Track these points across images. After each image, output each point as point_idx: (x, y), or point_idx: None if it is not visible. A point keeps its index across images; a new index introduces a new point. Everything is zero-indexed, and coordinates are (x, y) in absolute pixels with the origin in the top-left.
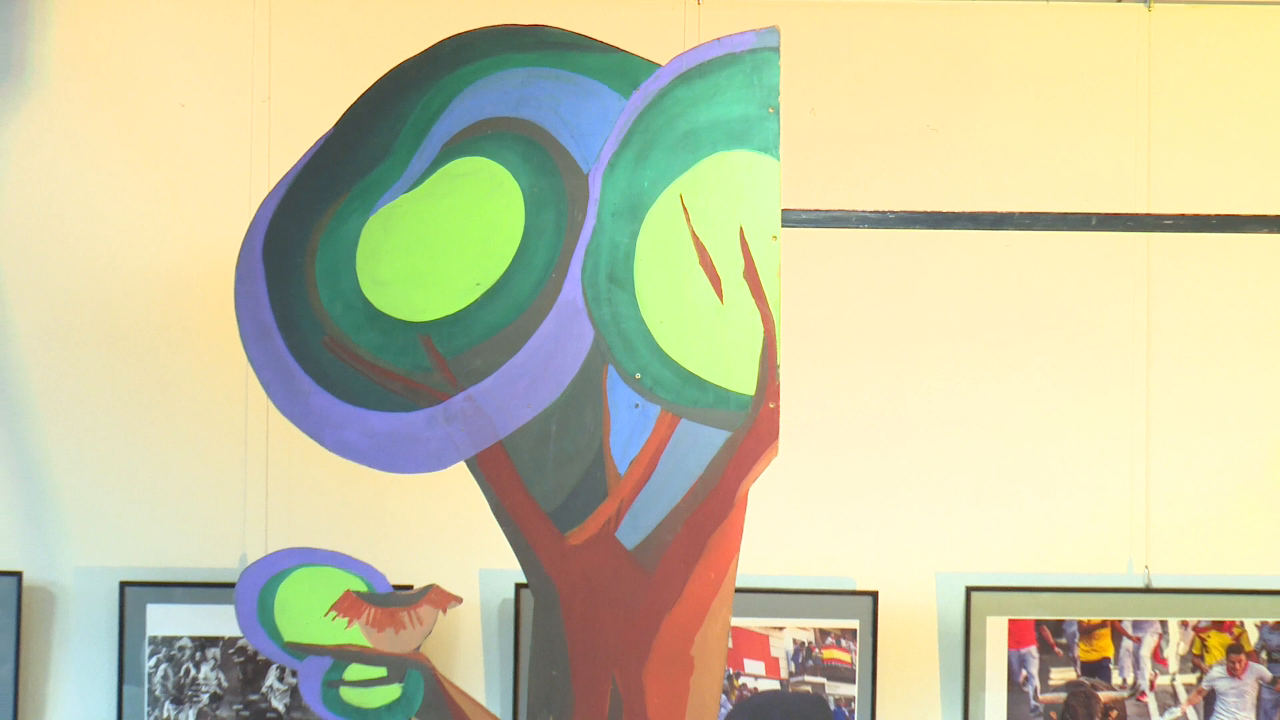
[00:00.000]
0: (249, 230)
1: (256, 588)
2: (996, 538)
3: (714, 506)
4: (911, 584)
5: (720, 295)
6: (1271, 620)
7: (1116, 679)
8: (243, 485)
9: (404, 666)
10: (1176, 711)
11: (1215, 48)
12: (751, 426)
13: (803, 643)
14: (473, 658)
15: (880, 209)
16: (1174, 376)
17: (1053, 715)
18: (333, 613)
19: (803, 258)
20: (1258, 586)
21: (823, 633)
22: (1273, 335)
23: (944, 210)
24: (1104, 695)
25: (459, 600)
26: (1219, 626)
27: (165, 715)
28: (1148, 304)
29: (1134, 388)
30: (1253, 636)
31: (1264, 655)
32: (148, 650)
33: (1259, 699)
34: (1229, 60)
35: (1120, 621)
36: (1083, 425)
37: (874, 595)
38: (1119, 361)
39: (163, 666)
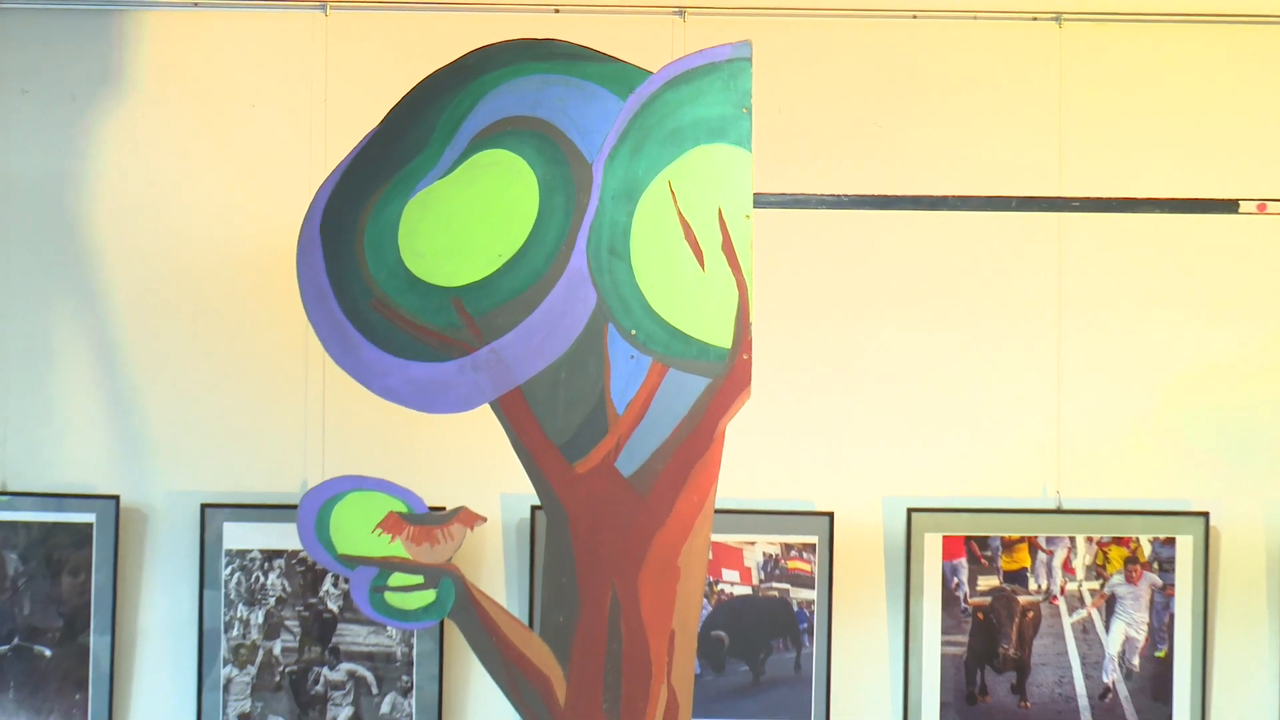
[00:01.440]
0: (308, 211)
1: (315, 509)
2: (933, 468)
3: (697, 441)
4: (862, 506)
5: (702, 265)
6: (1162, 536)
7: (1033, 585)
8: (303, 423)
9: (438, 575)
10: (1083, 612)
11: (1117, 58)
12: (728, 374)
13: (771, 555)
14: (495, 568)
15: (836, 193)
16: (1081, 333)
17: (979, 615)
18: (378, 530)
19: (772, 234)
20: (1151, 508)
21: (787, 547)
22: (1163, 296)
23: (890, 194)
24: (1022, 599)
25: (484, 520)
26: (1119, 542)
27: (239, 615)
28: (1059, 271)
29: (1048, 342)
30: (1146, 550)
31: (1155, 565)
32: (224, 561)
33: (1151, 601)
34: (1128, 68)
35: (1036, 538)
36: (1007, 374)
37: (830, 516)
38: (1037, 320)
39: (236, 575)
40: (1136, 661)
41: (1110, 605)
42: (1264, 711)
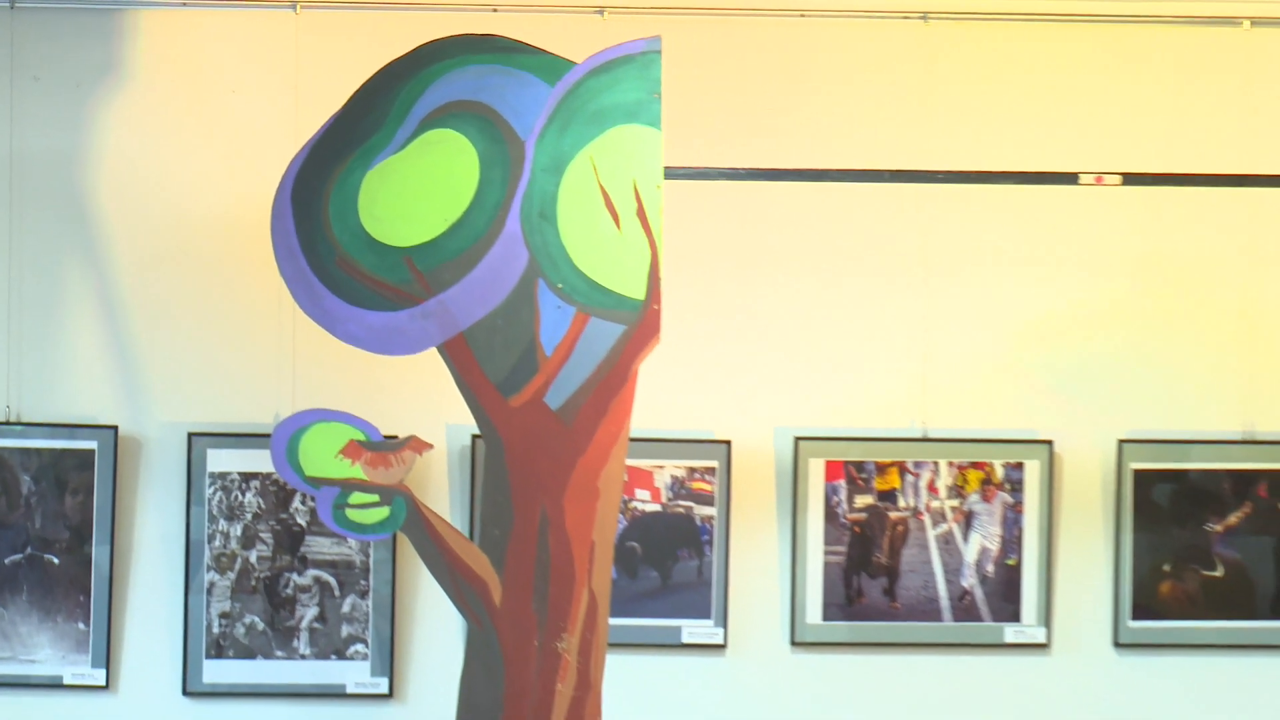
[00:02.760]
0: (281, 181)
1: (286, 437)
2: (817, 402)
3: (614, 379)
4: (755, 435)
5: (619, 228)
6: (1012, 461)
7: (902, 503)
8: (276, 363)
9: (391, 494)
10: (945, 527)
11: (975, 51)
12: (641, 322)
13: (677, 477)
14: (441, 489)
15: (735, 166)
16: (944, 287)
17: (856, 529)
18: (340, 455)
19: (680, 202)
20: (1003, 437)
21: (692, 470)
22: (1014, 255)
23: (781, 168)
24: (893, 515)
25: (431, 446)
26: (975, 466)
27: (220, 528)
28: (925, 234)
29: (916, 295)
30: (999, 473)
31: (1007, 486)
32: (208, 482)
33: (1003, 517)
34: (985, 60)
35: (905, 462)
36: (881, 321)
37: (728, 443)
38: (906, 276)
39: (218, 494)
40: (990, 568)
41: (968, 520)
42: (1099, 609)
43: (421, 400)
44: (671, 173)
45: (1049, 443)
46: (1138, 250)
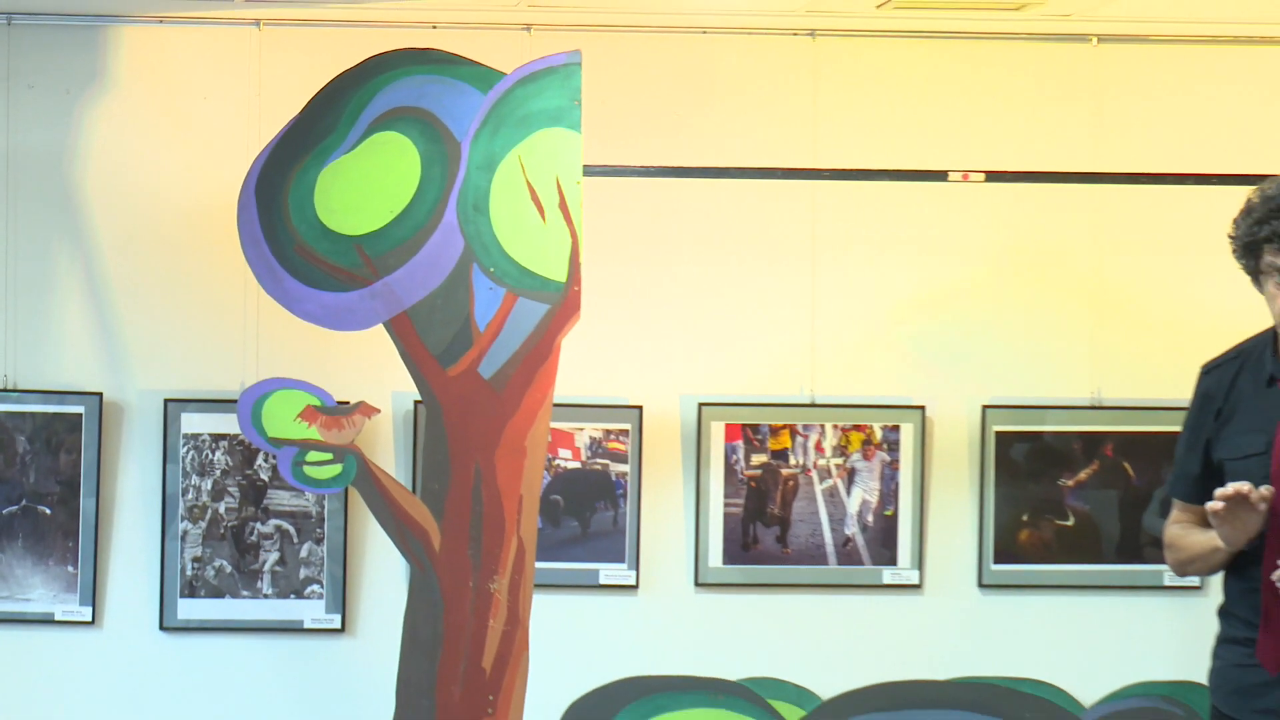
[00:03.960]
0: (246, 177)
1: (251, 402)
2: (718, 372)
3: (540, 351)
4: (664, 400)
5: (544, 219)
6: (890, 424)
7: (793, 461)
8: (242, 338)
9: (344, 453)
10: (830, 482)
11: (858, 63)
12: (563, 301)
13: (595, 438)
14: (387, 448)
15: (646, 164)
16: (830, 270)
17: (752, 484)
18: (298, 418)
19: (597, 196)
20: (881, 403)
21: (608, 431)
22: (893, 242)
23: (687, 165)
24: (785, 471)
25: (379, 411)
26: (857, 428)
27: (193, 483)
28: (814, 223)
29: (806, 277)
30: (878, 434)
31: (885, 446)
32: (182, 442)
33: (882, 473)
34: (867, 70)
35: (795, 425)
36: (774, 300)
37: (640, 408)
38: (797, 261)
39: (191, 453)
40: (870, 518)
41: (851, 476)
42: (965, 554)
43: (370, 370)
44: (590, 170)
45: (922, 408)
46: (999, 238)
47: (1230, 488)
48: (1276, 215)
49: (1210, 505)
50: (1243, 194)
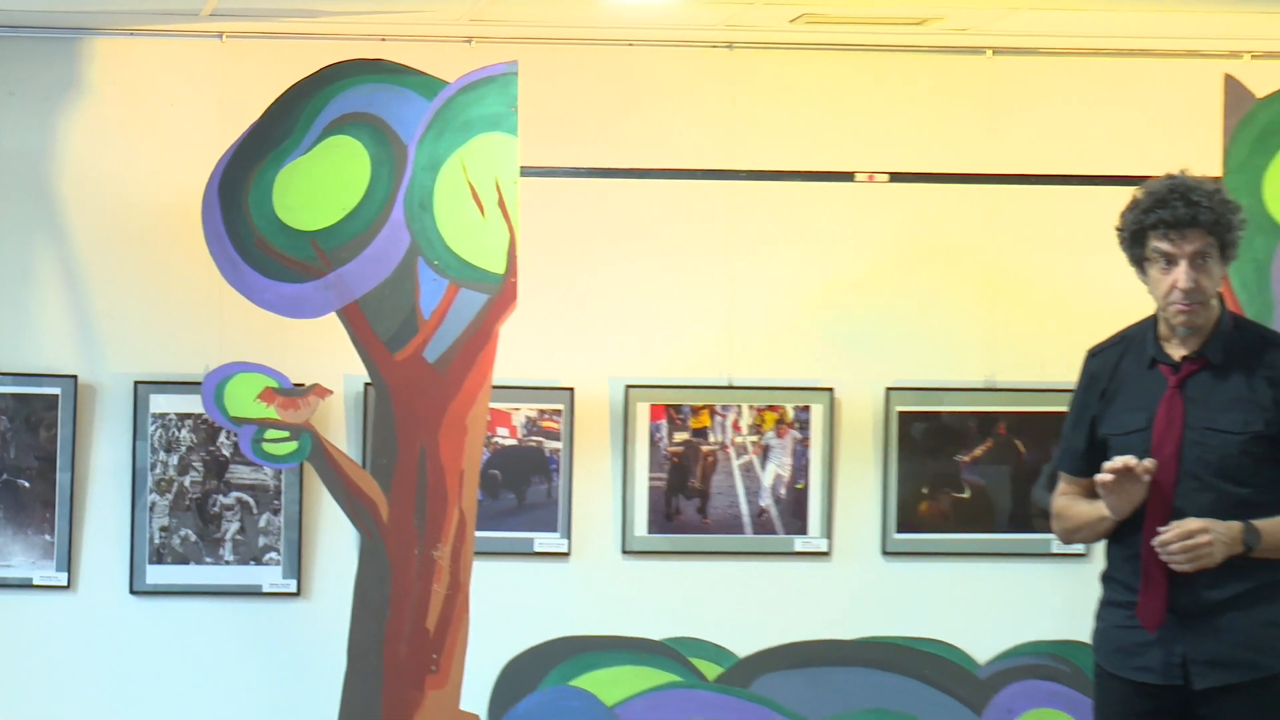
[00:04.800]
0: (210, 177)
1: (214, 384)
2: (644, 356)
3: (480, 338)
4: (594, 382)
5: (484, 215)
6: (801, 404)
7: (712, 439)
8: (206, 324)
9: (299, 431)
10: (746, 458)
11: (772, 72)
12: (501, 291)
13: (531, 417)
14: (339, 426)
15: (578, 165)
16: (746, 264)
17: (675, 459)
18: (258, 399)
19: (533, 195)
20: (793, 385)
21: (542, 411)
22: (804, 237)
23: (616, 167)
24: (704, 448)
25: (331, 392)
26: (771, 408)
27: (160, 458)
28: (731, 220)
29: (723, 270)
30: (790, 414)
31: (797, 425)
32: (150, 421)
33: (794, 450)
34: (780, 79)
35: (714, 405)
36: (696, 291)
37: (572, 390)
38: (715, 254)
39: (159, 430)
40: (783, 491)
41: (765, 453)
42: (870, 523)
43: (323, 355)
44: (526, 171)
45: (830, 390)
46: (901, 235)
47: (1118, 461)
48: (1160, 205)
49: (1100, 477)
50: (1124, 194)
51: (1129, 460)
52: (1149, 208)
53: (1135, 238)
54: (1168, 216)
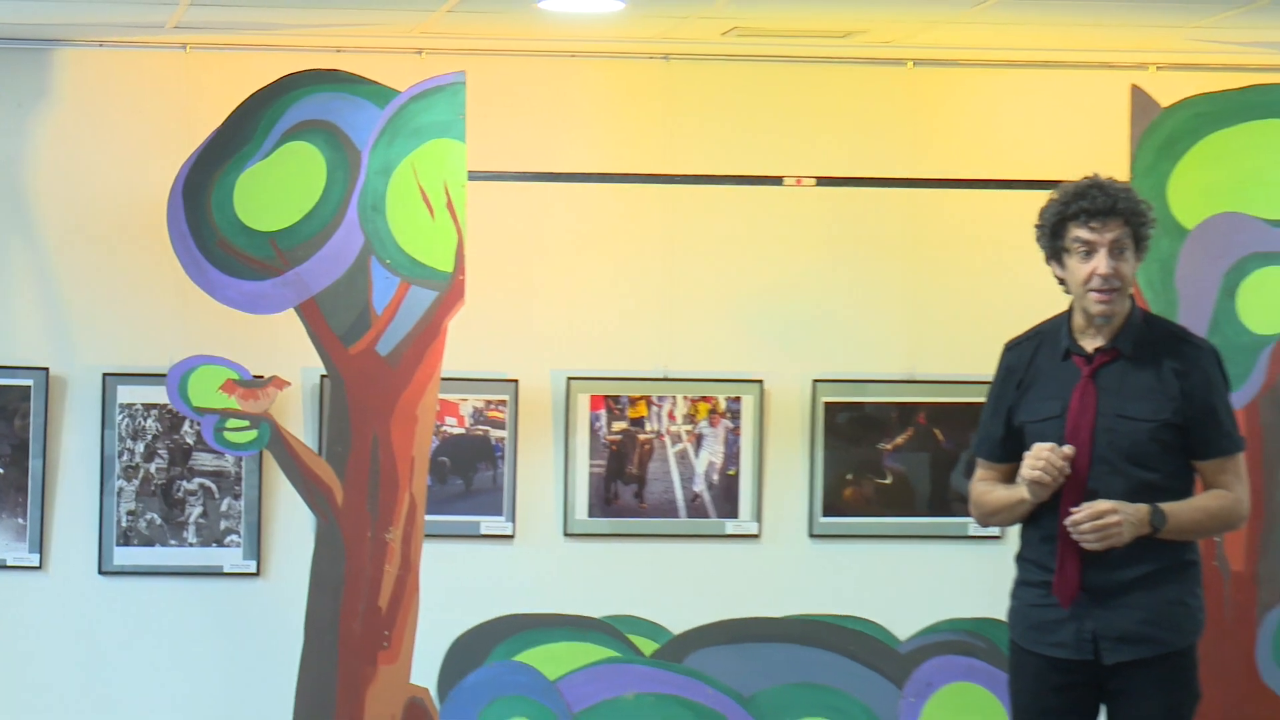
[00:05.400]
0: (175, 181)
1: (179, 376)
2: (585, 350)
3: (429, 332)
4: (537, 375)
5: (433, 217)
6: (733, 395)
7: (649, 428)
8: (171, 320)
9: (259, 420)
10: (681, 445)
11: (706, 82)
12: (450, 289)
13: (478, 408)
14: (297, 416)
15: (522, 170)
16: (683, 264)
17: (614, 447)
18: (220, 390)
19: (480, 197)
20: (725, 378)
21: (488, 402)
22: (738, 239)
23: (558, 171)
24: (641, 437)
25: (289, 384)
26: (705, 399)
27: (128, 446)
28: (666, 221)
29: (660, 268)
30: (723, 405)
31: (729, 415)
32: (118, 410)
33: (726, 438)
34: (714, 89)
35: (651, 396)
36: (634, 289)
37: (516, 382)
38: (652, 254)
39: (126, 420)
40: (715, 477)
41: (699, 441)
42: (797, 508)
43: (282, 348)
44: (474, 175)
45: (760, 381)
46: (828, 235)
47: (1041, 447)
48: (1080, 197)
49: (1026, 473)
50: (1038, 197)
51: (1058, 448)
52: (1069, 200)
53: (1055, 229)
54: (1088, 205)
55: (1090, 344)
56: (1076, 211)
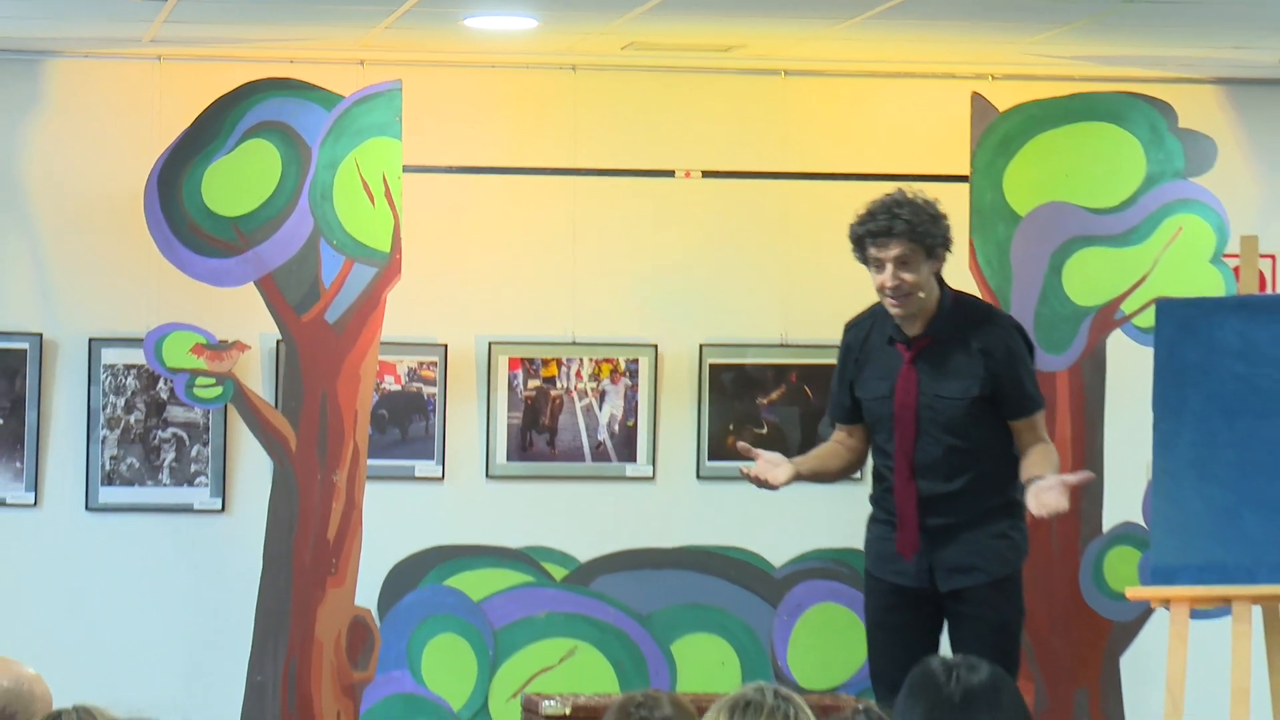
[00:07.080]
0: (150, 174)
1: (155, 340)
2: (504, 318)
3: (370, 303)
4: (463, 340)
5: (374, 204)
6: (631, 358)
7: (560, 385)
8: (148, 292)
9: (224, 379)
10: (587, 400)
11: (611, 89)
12: (388, 266)
13: (412, 368)
14: (257, 375)
15: (451, 164)
16: (589, 247)
17: (529, 402)
18: (190, 352)
19: (415, 188)
20: (625, 342)
21: (421, 363)
22: (640, 224)
23: (482, 165)
24: (553, 393)
25: (250, 348)
26: (607, 361)
27: (110, 400)
28: (572, 210)
29: (569, 250)
30: (623, 366)
31: (628, 374)
32: (102, 370)
33: (625, 394)
34: (619, 97)
35: (561, 358)
36: (545, 267)
37: (445, 345)
38: (562, 238)
39: (109, 378)
40: (617, 428)
41: (602, 397)
42: (687, 453)
43: (243, 317)
44: (409, 169)
45: (655, 346)
46: (712, 220)
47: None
48: (869, 219)
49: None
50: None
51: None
52: (862, 221)
53: (857, 245)
54: (873, 227)
55: (910, 330)
56: (864, 233)
